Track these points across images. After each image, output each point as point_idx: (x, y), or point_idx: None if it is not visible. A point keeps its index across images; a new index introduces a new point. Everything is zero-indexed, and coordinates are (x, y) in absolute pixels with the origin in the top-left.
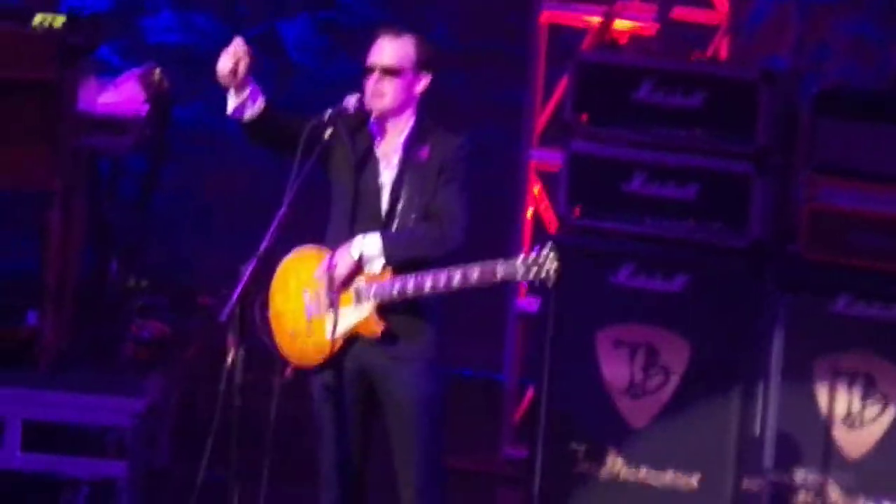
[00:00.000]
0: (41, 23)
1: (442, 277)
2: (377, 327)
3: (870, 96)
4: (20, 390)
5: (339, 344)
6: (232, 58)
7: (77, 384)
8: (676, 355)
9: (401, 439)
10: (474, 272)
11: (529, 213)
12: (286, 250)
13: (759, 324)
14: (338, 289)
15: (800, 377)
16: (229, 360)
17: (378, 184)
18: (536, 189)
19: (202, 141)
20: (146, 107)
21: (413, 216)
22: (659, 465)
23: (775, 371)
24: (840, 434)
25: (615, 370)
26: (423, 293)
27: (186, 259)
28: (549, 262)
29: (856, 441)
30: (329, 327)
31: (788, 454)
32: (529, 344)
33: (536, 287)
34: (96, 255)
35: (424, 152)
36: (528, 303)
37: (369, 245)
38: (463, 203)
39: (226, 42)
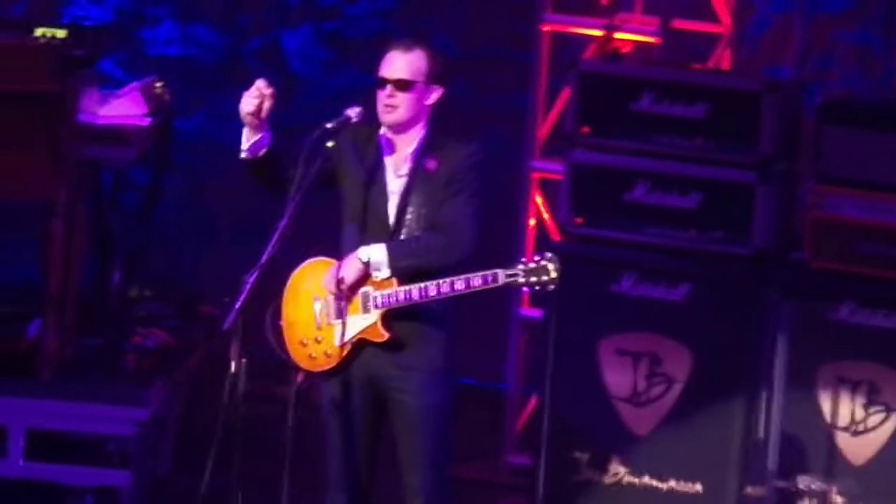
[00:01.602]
0: (43, 35)
1: (445, 284)
2: (383, 335)
3: (873, 106)
4: (23, 399)
5: (346, 351)
6: (255, 99)
7: (80, 393)
8: (679, 363)
9: (408, 448)
10: (476, 279)
11: (532, 222)
12: (288, 260)
13: (762, 331)
14: (345, 296)
15: (803, 384)
16: (232, 369)
17: (386, 195)
18: (539, 198)
19: (204, 152)
20: (148, 119)
21: (421, 226)
22: (662, 472)
23: (779, 378)
24: (843, 441)
25: (618, 378)
26: (428, 298)
27: (189, 269)
28: (549, 268)
29: (859, 448)
30: (337, 334)
31: (792, 461)
32: (532, 353)
33: (537, 292)
34: (98, 265)
35: (433, 164)
36: (531, 312)
37: (375, 253)
38: (470, 213)
39: (227, 53)
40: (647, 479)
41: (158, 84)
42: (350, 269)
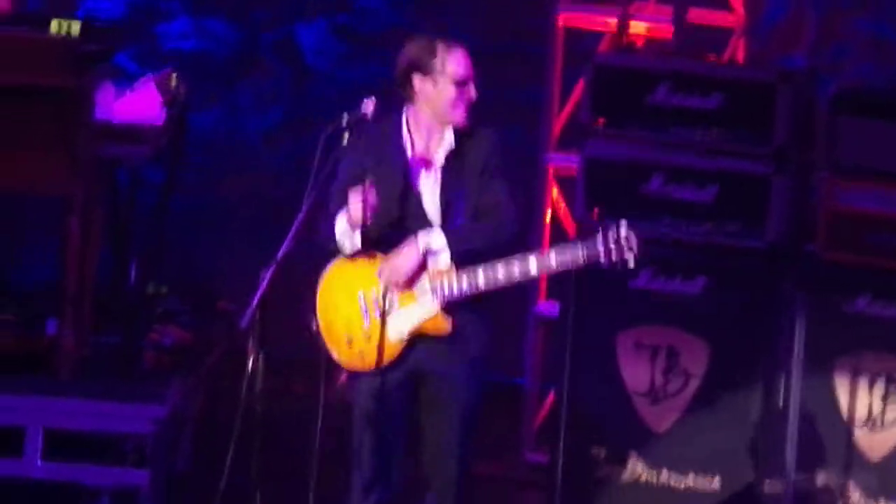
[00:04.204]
0: (58, 29)
1: (515, 267)
2: (445, 324)
3: (888, 95)
4: (40, 398)
5: (403, 344)
6: (363, 205)
7: (98, 392)
8: (696, 357)
9: (439, 441)
10: (551, 258)
11: (548, 216)
12: (305, 255)
13: (778, 324)
14: (403, 286)
15: (820, 378)
16: (249, 365)
17: (423, 190)
18: (554, 192)
19: (219, 146)
20: (163, 114)
21: (463, 216)
22: (680, 467)
23: (795, 372)
24: (861, 436)
25: (635, 373)
26: (498, 285)
27: (206, 265)
28: (629, 241)
29: (877, 442)
30: (393, 327)
31: (810, 456)
32: (550, 348)
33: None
34: (115, 263)
35: (463, 154)
36: (548, 307)
37: (433, 240)
38: (510, 194)
39: (242, 47)
40: (664, 475)
41: (173, 76)
42: (409, 257)
